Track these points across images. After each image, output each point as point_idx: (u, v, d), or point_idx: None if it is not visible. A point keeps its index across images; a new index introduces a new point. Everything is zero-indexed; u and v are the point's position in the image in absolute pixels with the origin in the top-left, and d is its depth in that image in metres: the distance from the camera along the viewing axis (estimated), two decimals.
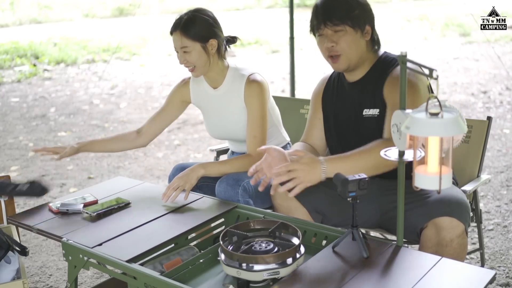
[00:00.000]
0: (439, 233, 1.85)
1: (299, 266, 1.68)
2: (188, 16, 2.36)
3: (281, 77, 6.98)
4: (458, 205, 1.89)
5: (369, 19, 2.11)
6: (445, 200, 1.89)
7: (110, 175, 4.36)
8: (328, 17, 2.05)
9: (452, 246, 1.84)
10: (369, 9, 2.12)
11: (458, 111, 1.50)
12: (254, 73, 2.43)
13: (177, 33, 2.35)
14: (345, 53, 2.08)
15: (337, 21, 2.04)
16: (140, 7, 12.33)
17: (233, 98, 2.44)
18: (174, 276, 1.75)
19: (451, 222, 1.84)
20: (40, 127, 5.81)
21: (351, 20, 2.05)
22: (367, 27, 2.09)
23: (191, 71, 2.42)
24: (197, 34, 2.33)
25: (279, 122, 2.58)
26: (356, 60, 2.11)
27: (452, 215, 1.85)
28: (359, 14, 2.06)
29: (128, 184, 2.50)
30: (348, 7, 2.06)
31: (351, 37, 2.06)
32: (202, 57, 2.36)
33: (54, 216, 2.18)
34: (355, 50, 2.08)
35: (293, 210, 2.10)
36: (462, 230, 1.86)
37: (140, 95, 7.03)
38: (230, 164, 2.37)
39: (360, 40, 2.08)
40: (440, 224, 1.85)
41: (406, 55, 1.61)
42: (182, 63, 2.39)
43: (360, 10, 2.07)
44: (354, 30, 2.06)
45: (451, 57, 8.29)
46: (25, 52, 9.46)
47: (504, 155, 4.42)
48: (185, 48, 2.34)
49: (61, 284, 2.82)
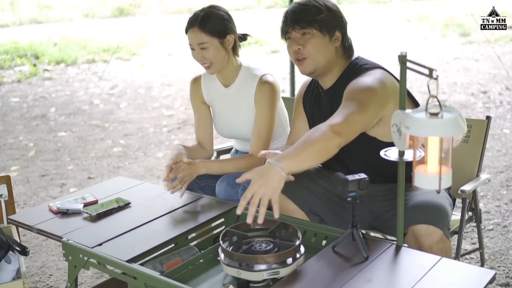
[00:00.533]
0: (417, 240, 1.86)
1: (299, 266, 1.68)
2: (204, 12, 2.35)
3: (281, 77, 6.99)
4: (434, 211, 1.89)
5: (339, 25, 2.10)
6: (420, 207, 1.89)
7: (110, 175, 4.36)
8: (296, 20, 2.07)
9: (433, 252, 1.84)
10: (340, 16, 2.12)
11: (458, 111, 1.50)
12: (267, 74, 2.43)
13: (194, 29, 2.33)
14: (311, 56, 2.07)
15: (304, 24, 2.05)
16: (140, 7, 12.33)
17: (244, 98, 2.45)
18: (174, 276, 1.75)
19: (428, 229, 1.85)
20: (40, 127, 5.81)
21: (318, 24, 2.05)
22: (336, 33, 2.09)
23: (207, 68, 2.40)
24: (215, 29, 2.33)
25: (287, 123, 2.58)
26: (323, 64, 2.09)
27: (428, 222, 1.85)
28: (328, 19, 2.06)
29: (128, 184, 2.50)
30: (317, 11, 2.06)
31: (318, 40, 2.06)
32: (219, 53, 2.36)
33: (54, 216, 2.18)
34: (322, 54, 2.07)
35: (290, 212, 2.10)
36: (440, 236, 1.86)
37: (140, 95, 7.03)
38: (232, 163, 2.37)
39: (328, 45, 2.07)
40: (417, 232, 1.86)
41: (406, 55, 1.61)
42: (199, 60, 2.37)
43: (329, 15, 2.07)
44: (321, 34, 2.06)
45: (451, 57, 8.29)
46: (25, 52, 9.46)
47: (504, 155, 4.42)
48: (203, 44, 2.33)
49: (61, 284, 2.82)
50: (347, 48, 2.14)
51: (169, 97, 6.85)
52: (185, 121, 5.76)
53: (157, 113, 6.10)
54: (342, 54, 2.12)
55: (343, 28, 2.12)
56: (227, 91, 2.49)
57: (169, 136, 5.35)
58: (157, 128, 5.58)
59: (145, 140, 5.25)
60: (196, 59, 2.38)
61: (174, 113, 6.09)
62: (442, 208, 1.92)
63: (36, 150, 5.07)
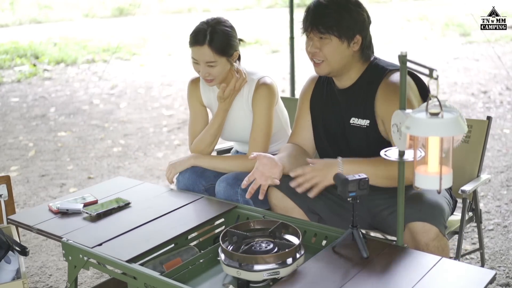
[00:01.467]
0: (414, 238, 1.87)
1: (299, 266, 1.68)
2: (212, 28, 2.29)
3: (281, 77, 6.99)
4: (430, 208, 1.90)
5: (360, 28, 2.06)
6: (416, 204, 1.90)
7: (110, 175, 4.36)
8: (316, 23, 2.04)
9: (429, 250, 1.85)
10: (362, 18, 2.07)
11: (458, 111, 1.50)
12: (264, 77, 2.42)
13: (203, 48, 2.28)
14: (327, 61, 2.07)
15: (323, 29, 2.03)
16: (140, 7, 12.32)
17: (242, 103, 2.44)
18: (174, 276, 1.75)
19: (424, 226, 1.86)
20: (40, 127, 5.80)
21: (338, 31, 2.03)
22: (356, 37, 2.06)
23: (208, 82, 2.37)
24: (225, 48, 2.30)
25: (287, 124, 2.58)
26: (339, 68, 2.09)
27: (424, 220, 1.86)
28: (348, 25, 2.03)
29: (128, 184, 2.50)
30: (338, 17, 2.02)
31: (336, 46, 2.04)
32: (225, 69, 2.34)
33: (54, 216, 2.18)
34: (339, 59, 2.06)
35: (289, 210, 2.11)
36: (436, 233, 1.86)
37: (140, 95, 7.02)
38: (223, 160, 2.39)
39: (346, 50, 2.06)
40: (413, 229, 1.87)
41: (406, 55, 1.61)
42: (203, 76, 2.34)
43: (350, 21, 2.03)
44: (340, 41, 2.04)
45: (451, 57, 8.29)
46: (25, 52, 9.44)
47: (504, 155, 4.42)
48: (211, 62, 2.30)
49: (61, 284, 2.82)
50: (366, 50, 2.10)
51: (169, 97, 6.85)
52: (185, 121, 5.75)
53: (157, 113, 6.10)
54: (360, 57, 2.10)
55: (364, 30, 2.07)
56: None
57: (169, 136, 5.35)
58: (157, 128, 5.58)
59: (145, 140, 5.24)
60: (200, 74, 2.35)
61: (174, 113, 6.09)
62: (439, 205, 1.93)
63: (36, 150, 5.07)
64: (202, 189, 2.40)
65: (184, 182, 2.40)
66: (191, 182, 2.39)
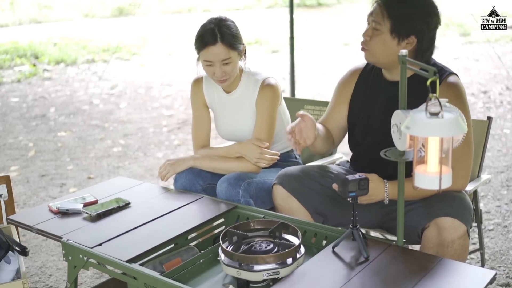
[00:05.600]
0: (440, 234, 1.84)
1: (299, 266, 1.68)
2: (220, 26, 2.28)
3: (281, 77, 6.99)
4: (460, 205, 1.88)
5: (418, 30, 2.00)
6: (447, 200, 1.89)
7: (110, 175, 4.36)
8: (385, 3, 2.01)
9: (453, 247, 1.83)
10: (426, 21, 2.01)
11: (458, 111, 1.50)
12: (269, 77, 2.41)
13: (217, 46, 2.26)
14: (372, 51, 2.06)
15: (385, 9, 2.00)
16: (140, 7, 12.32)
17: (246, 103, 2.44)
18: (174, 276, 1.75)
19: (453, 222, 1.84)
20: (40, 127, 5.80)
21: (392, 23, 1.99)
22: (411, 38, 2.01)
23: (221, 83, 2.35)
24: (235, 42, 2.30)
25: (289, 124, 2.57)
26: (385, 62, 2.08)
27: (454, 216, 1.84)
28: (405, 24, 1.99)
29: (128, 184, 2.50)
30: (404, 10, 1.99)
31: (384, 40, 2.02)
32: (237, 66, 2.34)
33: (54, 216, 2.18)
34: (385, 54, 2.04)
35: (294, 211, 2.10)
36: (464, 231, 1.85)
37: (140, 95, 7.02)
38: (223, 161, 2.38)
39: (395, 47, 2.01)
40: (442, 225, 1.84)
41: (406, 55, 1.61)
42: (220, 76, 2.30)
43: (411, 23, 1.99)
44: (390, 36, 2.01)
45: (451, 57, 8.29)
46: (25, 52, 9.44)
47: (504, 155, 4.42)
48: (228, 59, 2.27)
49: (61, 284, 2.82)
50: (422, 52, 2.05)
51: (169, 97, 6.85)
52: (185, 121, 5.75)
53: (157, 113, 6.10)
54: (414, 58, 2.02)
55: (423, 33, 2.01)
56: (229, 97, 2.47)
57: (169, 136, 5.35)
58: (157, 128, 5.58)
59: (145, 140, 5.24)
60: (215, 76, 2.31)
61: (174, 113, 6.08)
62: (468, 204, 1.92)
63: (36, 150, 5.07)
64: (199, 188, 2.39)
65: (182, 182, 2.40)
66: (188, 182, 2.39)
